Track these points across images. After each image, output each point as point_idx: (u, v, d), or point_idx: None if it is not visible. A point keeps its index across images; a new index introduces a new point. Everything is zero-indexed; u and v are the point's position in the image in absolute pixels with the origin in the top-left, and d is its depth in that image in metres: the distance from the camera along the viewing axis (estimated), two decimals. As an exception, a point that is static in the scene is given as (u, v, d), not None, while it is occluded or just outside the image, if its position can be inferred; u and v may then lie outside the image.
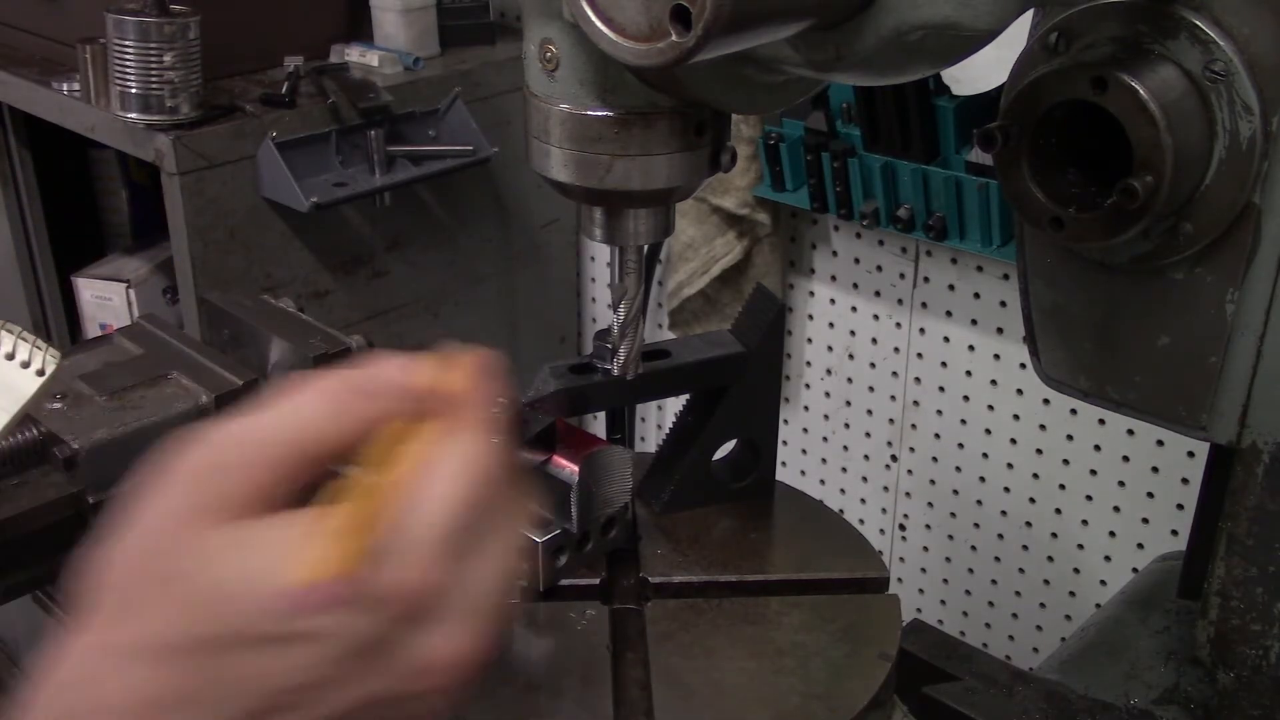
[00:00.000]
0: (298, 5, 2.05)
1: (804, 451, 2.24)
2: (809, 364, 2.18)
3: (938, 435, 2.05)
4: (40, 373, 0.98)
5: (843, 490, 2.22)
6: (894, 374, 2.06)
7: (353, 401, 0.56)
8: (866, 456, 2.17)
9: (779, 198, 1.94)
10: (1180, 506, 1.79)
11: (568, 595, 0.91)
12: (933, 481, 2.09)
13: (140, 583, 0.55)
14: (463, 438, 0.56)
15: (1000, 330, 1.91)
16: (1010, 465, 1.97)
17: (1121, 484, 1.85)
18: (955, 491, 2.06)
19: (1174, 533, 1.80)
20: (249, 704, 0.54)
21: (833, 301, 2.10)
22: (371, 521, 0.53)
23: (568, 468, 0.90)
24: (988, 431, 1.98)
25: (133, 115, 1.76)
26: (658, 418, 2.48)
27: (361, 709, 0.56)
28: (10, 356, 0.99)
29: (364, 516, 0.53)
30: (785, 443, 2.23)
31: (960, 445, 2.02)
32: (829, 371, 2.16)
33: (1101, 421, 1.83)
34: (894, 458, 2.12)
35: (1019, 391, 1.91)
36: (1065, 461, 1.90)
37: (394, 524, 0.54)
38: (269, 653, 0.54)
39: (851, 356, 2.11)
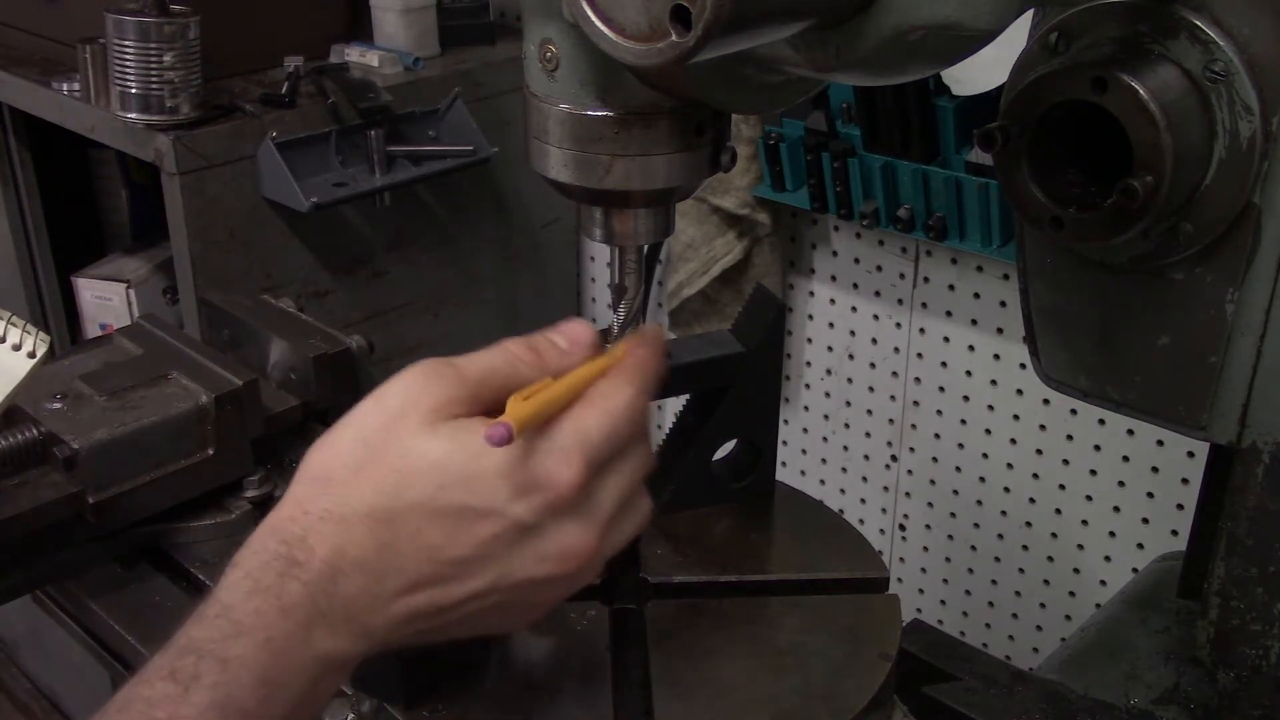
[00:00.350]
0: (298, 5, 2.05)
1: (804, 451, 2.24)
2: (809, 364, 2.18)
3: (938, 435, 2.05)
4: (31, 355, 0.98)
5: (843, 490, 2.22)
6: (894, 374, 2.06)
7: (529, 356, 0.72)
8: (866, 456, 2.16)
9: (779, 198, 1.94)
10: (1180, 506, 1.79)
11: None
12: (933, 481, 2.09)
13: (342, 464, 0.69)
14: (622, 381, 0.72)
15: (1000, 330, 1.91)
16: (1010, 465, 1.97)
17: (1121, 484, 1.85)
18: (955, 491, 2.06)
19: (1174, 533, 1.80)
20: (420, 570, 0.67)
21: (833, 301, 2.10)
22: (547, 403, 0.68)
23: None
24: (988, 431, 1.98)
25: (133, 115, 1.76)
26: (658, 418, 2.47)
27: (496, 588, 0.69)
28: (1, 340, 0.99)
29: (540, 401, 0.68)
30: (785, 443, 2.23)
31: (960, 445, 2.02)
32: (829, 371, 2.16)
33: (1101, 421, 1.83)
34: (894, 458, 2.12)
35: (1019, 391, 1.91)
36: (1065, 461, 1.90)
37: (558, 424, 0.69)
38: (446, 524, 0.67)
39: (851, 356, 2.12)
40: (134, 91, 1.74)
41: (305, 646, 0.66)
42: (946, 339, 1.97)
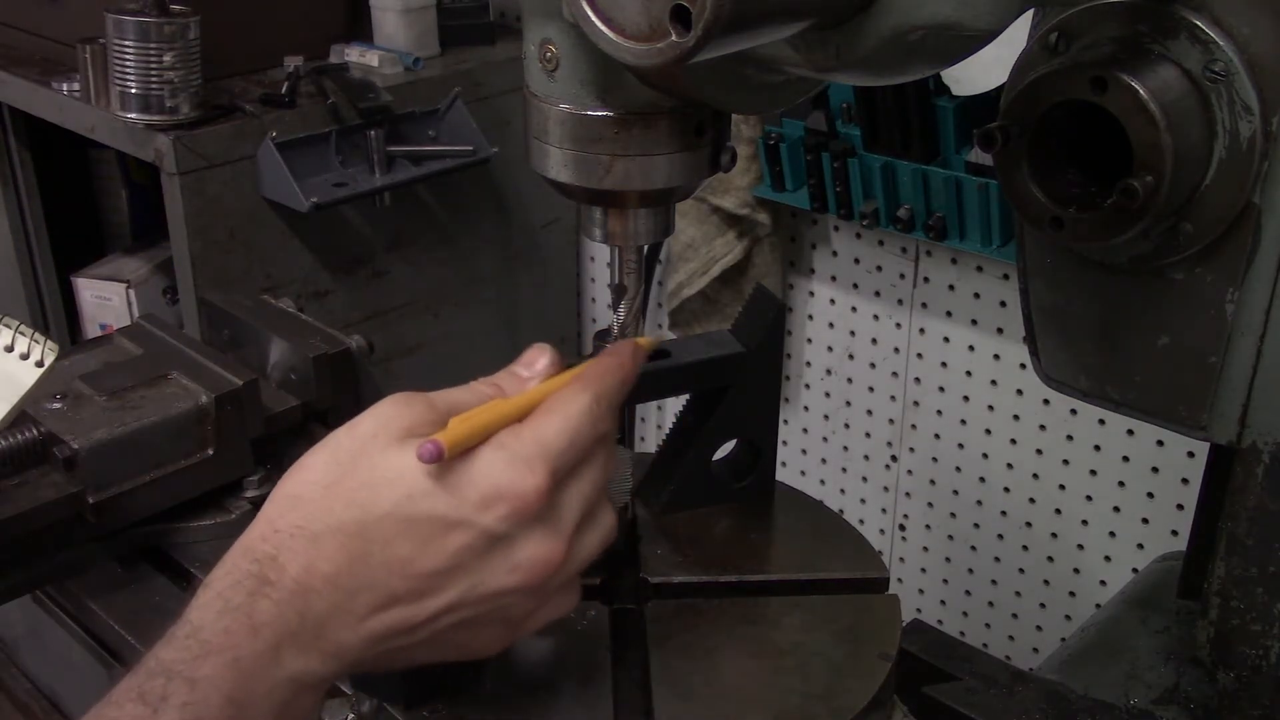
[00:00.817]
0: (298, 5, 2.05)
1: (804, 451, 2.24)
2: (809, 364, 2.18)
3: (938, 435, 2.05)
4: (39, 364, 0.99)
5: (843, 490, 2.22)
6: (894, 374, 2.06)
7: (492, 391, 0.74)
8: (866, 456, 2.16)
9: (779, 198, 1.94)
10: (1180, 506, 1.79)
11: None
12: (933, 481, 2.09)
13: (314, 482, 0.69)
14: (578, 388, 0.72)
15: (1000, 330, 1.91)
16: (1010, 465, 1.97)
17: (1121, 484, 1.85)
18: (955, 491, 2.06)
19: (1174, 533, 1.80)
20: (391, 584, 0.67)
21: (833, 301, 2.10)
22: (485, 422, 0.70)
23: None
24: (988, 431, 1.98)
25: (133, 115, 1.76)
26: (658, 418, 2.48)
27: (466, 601, 0.69)
28: (9, 349, 0.99)
29: (479, 419, 0.70)
30: (785, 443, 2.23)
31: (960, 445, 2.02)
32: (829, 371, 2.16)
33: (1101, 421, 1.83)
34: (894, 458, 2.12)
35: (1019, 391, 1.91)
36: (1065, 461, 1.90)
37: (517, 433, 0.70)
38: (417, 534, 0.67)
39: (851, 356, 2.12)
40: (134, 91, 1.74)
41: (275, 667, 0.66)
42: (946, 339, 1.97)
